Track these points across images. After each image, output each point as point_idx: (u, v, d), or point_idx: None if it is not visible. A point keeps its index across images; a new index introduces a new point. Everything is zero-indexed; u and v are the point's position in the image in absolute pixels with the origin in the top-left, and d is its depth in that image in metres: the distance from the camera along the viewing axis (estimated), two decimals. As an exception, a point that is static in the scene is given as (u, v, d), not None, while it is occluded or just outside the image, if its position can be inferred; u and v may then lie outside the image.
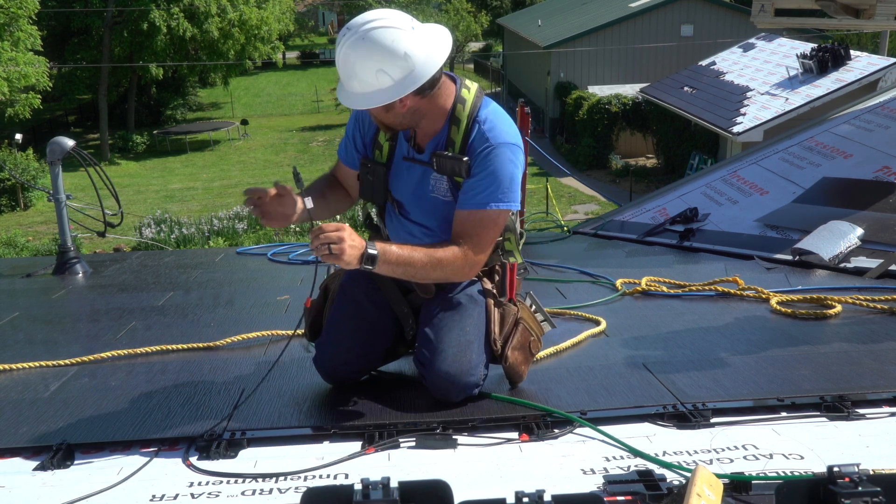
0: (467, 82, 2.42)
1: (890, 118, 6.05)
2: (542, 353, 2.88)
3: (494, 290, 2.52)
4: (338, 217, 2.78)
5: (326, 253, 2.12)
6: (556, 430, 2.25)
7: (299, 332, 2.70)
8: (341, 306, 2.56)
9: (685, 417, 2.30)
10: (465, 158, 2.32)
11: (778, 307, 3.41)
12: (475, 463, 2.08)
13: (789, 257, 4.37)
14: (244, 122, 33.90)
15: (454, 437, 2.22)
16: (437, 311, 2.46)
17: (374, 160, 2.51)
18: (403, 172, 2.47)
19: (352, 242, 2.15)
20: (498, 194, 2.32)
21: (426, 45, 2.23)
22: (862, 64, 17.44)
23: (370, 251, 2.19)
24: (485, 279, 2.53)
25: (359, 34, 2.17)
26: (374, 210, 2.69)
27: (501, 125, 2.36)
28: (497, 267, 2.53)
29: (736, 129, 17.24)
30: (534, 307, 2.65)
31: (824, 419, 2.28)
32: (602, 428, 2.24)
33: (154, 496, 1.96)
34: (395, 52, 2.16)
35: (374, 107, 2.25)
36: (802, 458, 2.03)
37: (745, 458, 2.05)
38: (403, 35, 2.18)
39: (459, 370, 2.37)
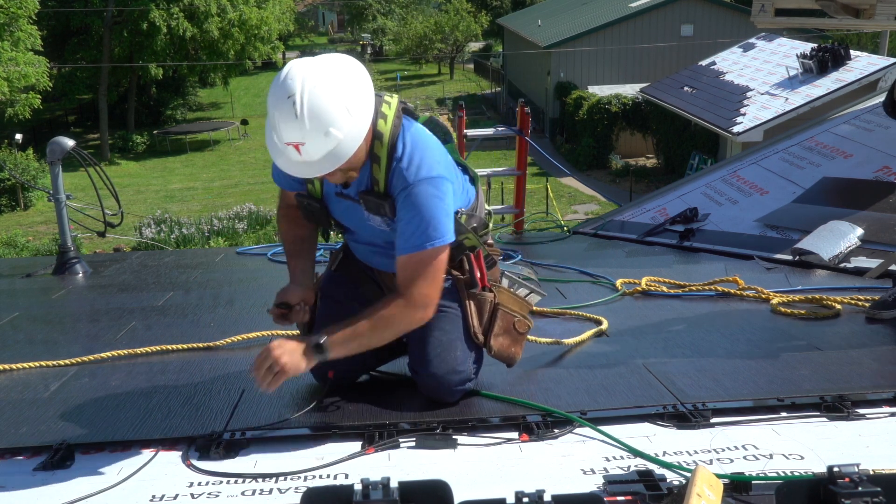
0: (383, 108, 2.25)
1: (890, 118, 6.04)
2: (545, 340, 2.93)
3: (466, 282, 2.49)
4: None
5: (271, 378, 2.13)
6: (556, 430, 2.25)
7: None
8: (325, 309, 2.56)
9: (685, 417, 2.30)
10: (388, 201, 2.26)
11: (778, 307, 3.41)
12: (475, 463, 2.08)
13: (789, 257, 4.37)
14: (244, 122, 33.91)
15: (454, 437, 2.22)
16: None
17: (309, 195, 2.47)
18: (338, 204, 2.44)
19: (284, 350, 2.13)
20: (429, 232, 2.23)
21: (355, 86, 2.14)
22: (862, 64, 17.45)
23: (315, 343, 2.17)
24: (455, 272, 2.50)
25: (298, 107, 2.05)
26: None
27: (419, 157, 2.23)
28: (463, 259, 2.50)
29: (736, 129, 17.25)
30: (514, 286, 2.62)
31: (824, 419, 2.28)
32: (602, 428, 2.24)
33: (154, 496, 1.96)
34: (339, 106, 2.07)
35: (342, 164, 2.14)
36: (802, 458, 2.03)
37: (745, 458, 2.05)
38: (334, 85, 2.08)
39: (445, 370, 2.38)
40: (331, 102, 2.06)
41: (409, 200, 2.22)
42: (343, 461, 2.11)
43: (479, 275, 2.49)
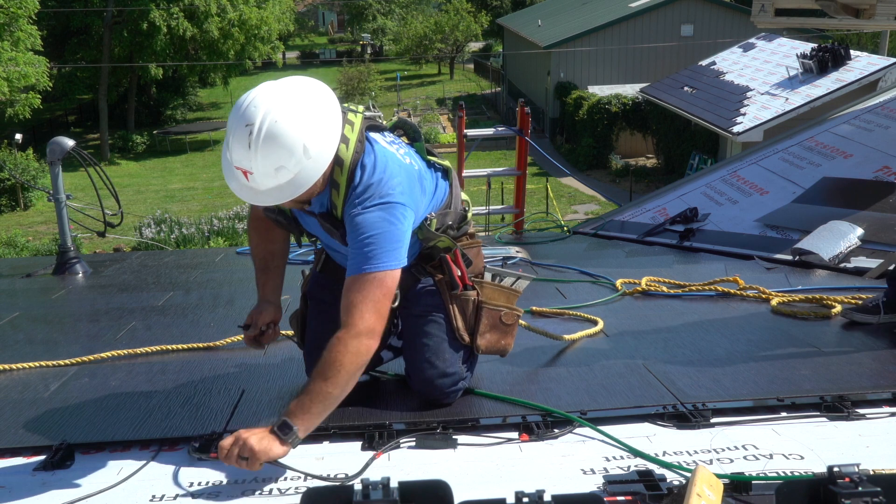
0: (345, 130, 2.17)
1: (890, 118, 6.06)
2: (537, 330, 2.94)
3: (446, 284, 2.47)
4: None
5: (244, 465, 1.99)
6: (556, 430, 2.25)
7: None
8: (315, 313, 2.57)
9: (685, 417, 2.30)
10: (339, 231, 2.24)
11: (778, 307, 3.41)
12: (475, 463, 2.08)
13: (789, 257, 4.37)
14: (244, 122, 33.86)
15: (454, 437, 2.22)
16: (405, 323, 2.51)
17: (278, 210, 2.41)
18: (305, 217, 2.41)
19: (252, 434, 1.99)
20: (375, 255, 2.15)
21: (319, 124, 2.08)
22: (862, 64, 17.45)
23: (280, 422, 2.02)
24: (437, 274, 2.49)
25: (252, 138, 2.00)
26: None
27: (376, 185, 2.17)
28: (441, 260, 2.48)
29: (736, 129, 17.25)
30: (497, 278, 2.59)
31: (824, 419, 2.28)
32: (602, 428, 2.24)
33: (154, 496, 1.96)
34: (295, 145, 2.03)
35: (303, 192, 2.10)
36: (802, 458, 2.03)
37: (745, 458, 2.05)
38: (296, 122, 2.02)
39: (436, 374, 2.40)
40: (288, 141, 2.00)
41: (356, 222, 2.17)
42: (343, 463, 2.11)
43: (458, 274, 2.47)
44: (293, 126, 2.02)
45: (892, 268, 3.25)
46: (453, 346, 2.45)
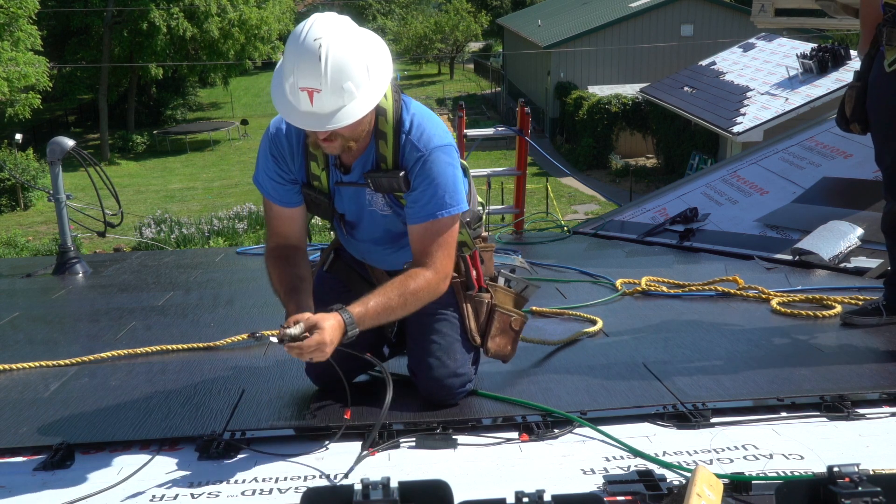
0: None
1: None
2: (534, 339, 2.90)
3: (462, 284, 2.48)
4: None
5: (310, 354, 2.08)
6: (556, 430, 2.25)
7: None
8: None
9: (685, 417, 2.30)
10: (400, 173, 2.24)
11: (778, 307, 3.41)
12: (475, 463, 2.08)
13: (789, 257, 4.37)
14: (244, 122, 33.90)
15: (454, 437, 2.22)
16: (413, 320, 2.46)
17: (315, 188, 2.40)
18: (341, 195, 2.40)
19: (328, 340, 2.06)
20: (445, 200, 2.24)
21: (376, 50, 2.13)
22: (862, 64, 17.43)
23: (349, 326, 2.12)
24: (452, 274, 2.47)
25: (324, 51, 2.00)
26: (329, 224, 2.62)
27: (429, 128, 2.25)
28: (459, 261, 2.48)
29: (736, 129, 17.24)
30: (510, 282, 2.61)
31: (824, 419, 2.28)
32: (602, 428, 2.24)
33: (154, 496, 1.96)
34: (360, 63, 2.07)
35: (358, 118, 2.10)
36: (802, 458, 2.03)
37: (745, 458, 2.05)
38: (358, 42, 2.07)
39: (446, 374, 2.39)
40: (354, 57, 2.04)
41: (424, 169, 2.23)
42: (343, 463, 2.10)
43: (474, 275, 2.49)
44: (357, 45, 2.06)
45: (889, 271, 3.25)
46: (465, 347, 2.45)
